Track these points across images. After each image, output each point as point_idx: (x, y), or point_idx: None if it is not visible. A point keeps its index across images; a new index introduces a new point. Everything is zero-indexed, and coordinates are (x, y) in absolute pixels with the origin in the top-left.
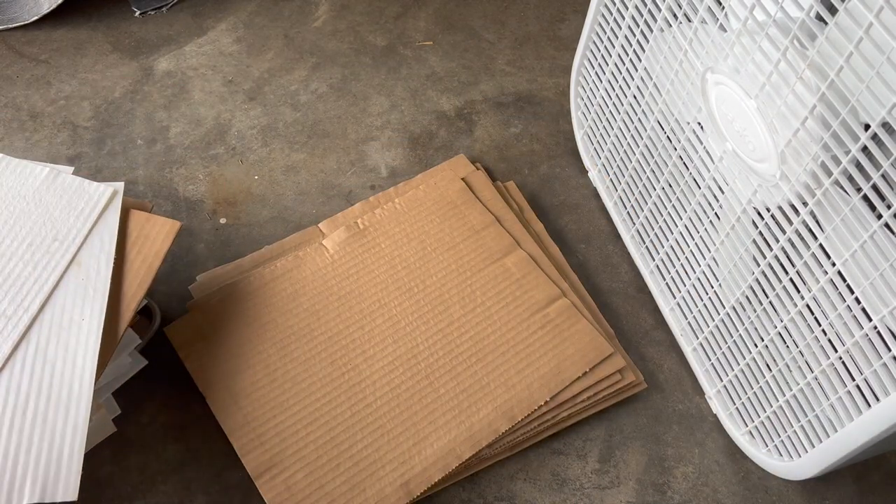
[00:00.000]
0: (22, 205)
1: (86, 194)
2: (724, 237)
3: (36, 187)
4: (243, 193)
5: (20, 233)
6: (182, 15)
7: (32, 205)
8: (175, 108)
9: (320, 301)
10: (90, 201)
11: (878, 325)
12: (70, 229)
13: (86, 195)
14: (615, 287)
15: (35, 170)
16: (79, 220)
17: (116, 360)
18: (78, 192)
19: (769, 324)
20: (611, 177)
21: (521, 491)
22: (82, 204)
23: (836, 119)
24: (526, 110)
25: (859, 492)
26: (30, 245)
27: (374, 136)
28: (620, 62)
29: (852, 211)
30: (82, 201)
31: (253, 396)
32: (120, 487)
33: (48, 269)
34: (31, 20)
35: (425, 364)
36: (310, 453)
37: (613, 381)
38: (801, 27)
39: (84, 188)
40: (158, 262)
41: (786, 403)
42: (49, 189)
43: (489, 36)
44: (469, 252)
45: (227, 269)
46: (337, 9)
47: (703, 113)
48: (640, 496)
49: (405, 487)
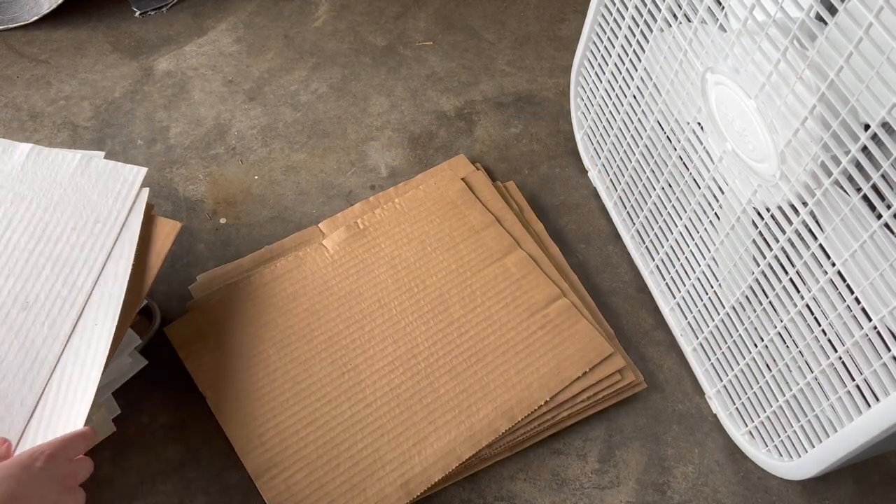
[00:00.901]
0: (59, 191)
1: (120, 176)
2: (723, 237)
3: (70, 174)
4: (243, 193)
5: (62, 218)
6: (182, 15)
7: (70, 191)
8: (175, 108)
9: (320, 301)
10: (125, 183)
11: (878, 325)
12: (110, 211)
13: (120, 177)
14: (615, 287)
15: (67, 157)
16: (117, 201)
17: (116, 360)
18: (112, 175)
19: (769, 324)
20: (611, 177)
21: (521, 491)
22: (118, 186)
23: (835, 119)
24: (526, 110)
25: (859, 492)
26: (73, 229)
27: (374, 136)
28: (620, 62)
29: (852, 211)
30: (118, 183)
31: (253, 396)
32: (120, 487)
33: (95, 250)
34: (31, 20)
35: (425, 364)
36: (310, 453)
37: (613, 381)
38: (800, 27)
39: (118, 170)
40: (159, 263)
41: (786, 403)
42: (83, 174)
43: (489, 36)
44: (469, 252)
45: (227, 269)
46: (337, 9)
47: (702, 113)
48: (640, 496)
49: (405, 487)
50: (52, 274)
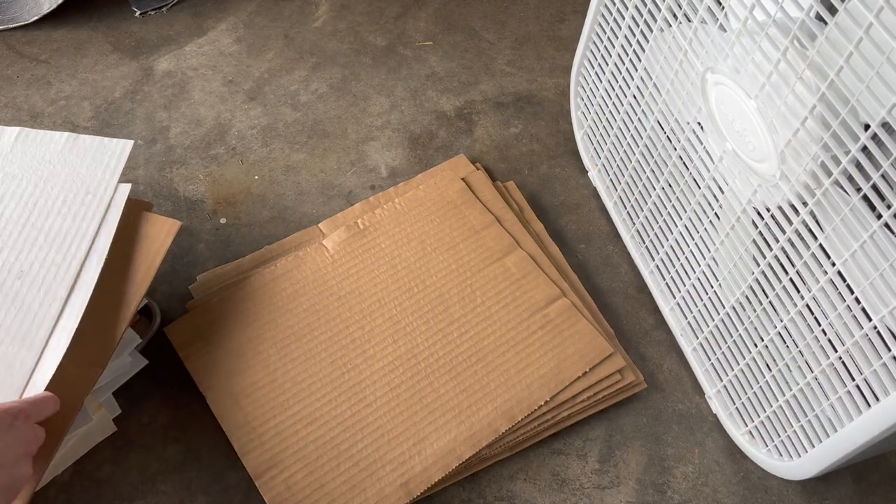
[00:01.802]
0: (49, 168)
1: (108, 150)
2: (723, 237)
3: (58, 151)
4: (243, 193)
5: (52, 192)
6: (182, 15)
7: (59, 167)
8: (175, 108)
9: (320, 301)
10: (113, 155)
11: (878, 325)
12: (100, 182)
13: (108, 150)
14: (615, 287)
15: (54, 136)
16: (106, 172)
17: (116, 360)
18: (99, 149)
19: (769, 324)
20: (611, 177)
21: (521, 491)
22: (106, 158)
23: (836, 119)
24: (526, 110)
25: (859, 492)
26: (64, 201)
27: (374, 136)
28: (620, 62)
29: (852, 211)
30: (106, 156)
31: (253, 396)
32: (120, 487)
33: (87, 219)
34: (31, 20)
35: (425, 364)
36: (310, 453)
37: (613, 381)
38: (800, 27)
39: (104, 144)
40: (158, 262)
41: (786, 403)
42: (72, 150)
43: (489, 36)
44: (469, 252)
45: (227, 269)
46: (337, 9)
47: (702, 113)
48: (640, 496)
49: (405, 487)
50: (45, 244)
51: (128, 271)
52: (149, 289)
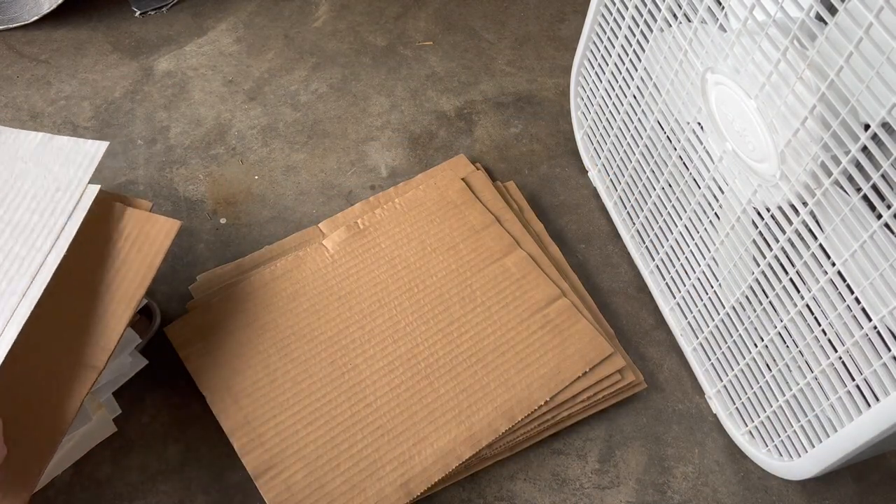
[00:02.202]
0: (21, 165)
1: (81, 150)
2: (723, 237)
3: (32, 149)
4: (243, 193)
5: (22, 188)
6: (182, 15)
7: (31, 164)
8: (175, 108)
9: (320, 301)
10: (87, 155)
11: (878, 325)
12: (71, 179)
13: (81, 150)
14: (615, 287)
15: (29, 136)
16: (79, 170)
17: (116, 360)
18: (73, 149)
19: (769, 324)
20: (611, 177)
21: (521, 491)
22: (80, 158)
23: (836, 119)
24: (526, 110)
25: (859, 492)
26: (34, 197)
27: (374, 136)
28: (620, 62)
29: (852, 211)
30: (79, 156)
31: (253, 396)
32: (120, 487)
33: (55, 214)
34: (31, 20)
35: (425, 364)
36: (310, 453)
37: (613, 381)
38: (800, 27)
39: (79, 145)
40: (158, 262)
41: (786, 403)
42: (45, 149)
43: (489, 36)
44: (469, 252)
45: (227, 269)
46: (337, 9)
47: (702, 113)
48: (640, 496)
49: (405, 487)
50: (10, 237)
51: (128, 271)
52: (149, 289)
